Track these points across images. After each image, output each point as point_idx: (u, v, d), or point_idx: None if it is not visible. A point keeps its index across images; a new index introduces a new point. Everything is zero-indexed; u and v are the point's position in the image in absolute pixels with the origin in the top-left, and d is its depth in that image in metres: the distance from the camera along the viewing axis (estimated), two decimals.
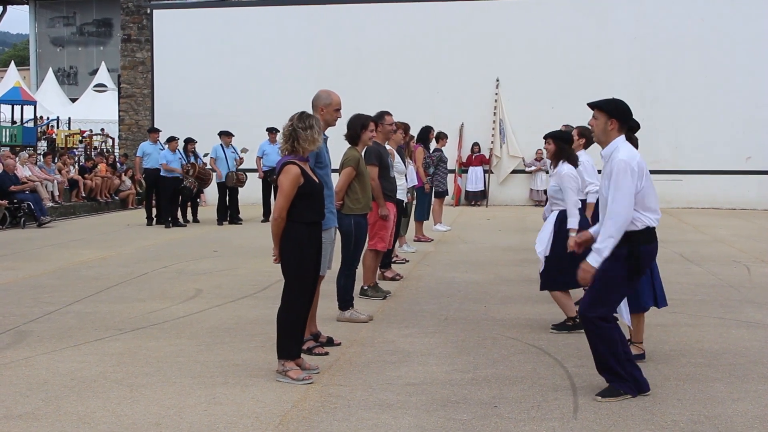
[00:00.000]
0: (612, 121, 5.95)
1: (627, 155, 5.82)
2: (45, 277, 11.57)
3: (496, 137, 25.43)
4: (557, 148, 8.26)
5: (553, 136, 8.39)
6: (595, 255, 5.77)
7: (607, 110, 5.99)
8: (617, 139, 5.96)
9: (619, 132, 5.98)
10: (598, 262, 5.77)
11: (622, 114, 5.99)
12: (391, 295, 9.95)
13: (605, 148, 5.99)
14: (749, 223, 19.82)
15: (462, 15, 25.56)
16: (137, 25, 28.45)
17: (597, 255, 5.76)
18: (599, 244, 5.77)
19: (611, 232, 5.73)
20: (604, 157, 6.01)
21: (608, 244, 5.73)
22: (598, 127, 6.02)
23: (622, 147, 5.90)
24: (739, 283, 10.91)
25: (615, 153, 5.88)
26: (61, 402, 5.78)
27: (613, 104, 6.02)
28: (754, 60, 24.12)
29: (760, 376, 6.45)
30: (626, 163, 5.76)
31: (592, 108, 6.10)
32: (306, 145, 6.36)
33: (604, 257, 5.76)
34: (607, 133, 5.98)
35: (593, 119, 6.07)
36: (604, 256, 5.75)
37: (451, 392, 6.01)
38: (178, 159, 19.45)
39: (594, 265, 5.77)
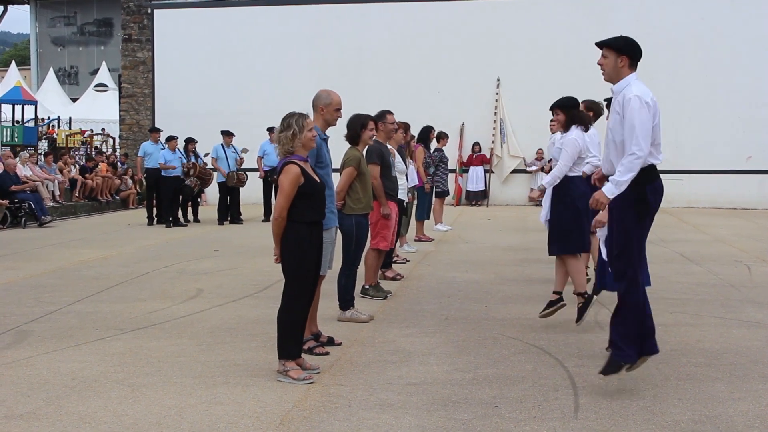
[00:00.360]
0: (622, 58, 5.91)
1: (640, 91, 5.78)
2: (46, 276, 11.57)
3: (497, 137, 25.44)
4: (567, 116, 8.26)
5: (559, 105, 8.38)
6: (612, 186, 5.73)
7: (616, 47, 5.95)
8: (629, 75, 5.92)
9: (630, 69, 5.93)
10: (613, 193, 5.73)
11: (631, 50, 5.94)
12: (391, 295, 9.95)
13: (617, 84, 5.94)
14: (750, 223, 19.82)
15: (463, 15, 25.57)
16: (138, 25, 28.45)
17: (614, 186, 5.72)
18: (619, 177, 5.71)
19: (631, 166, 5.68)
20: (615, 93, 5.96)
21: (627, 177, 5.68)
22: (608, 65, 5.97)
23: (634, 83, 5.86)
24: (740, 283, 10.91)
25: (627, 89, 5.83)
26: (62, 402, 5.79)
27: (623, 40, 5.98)
28: (755, 59, 24.13)
29: (761, 376, 6.45)
30: (640, 98, 5.73)
31: (600, 47, 6.03)
32: (292, 146, 6.33)
33: (621, 190, 5.71)
34: (618, 70, 5.94)
35: (602, 58, 6.01)
36: (622, 188, 5.71)
37: (451, 392, 6.01)
38: (178, 158, 19.45)
39: (609, 195, 5.75)
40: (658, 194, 5.96)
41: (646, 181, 5.81)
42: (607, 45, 5.99)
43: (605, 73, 6.04)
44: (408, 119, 13.15)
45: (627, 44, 5.95)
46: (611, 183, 5.75)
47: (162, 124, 23.39)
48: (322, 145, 7.30)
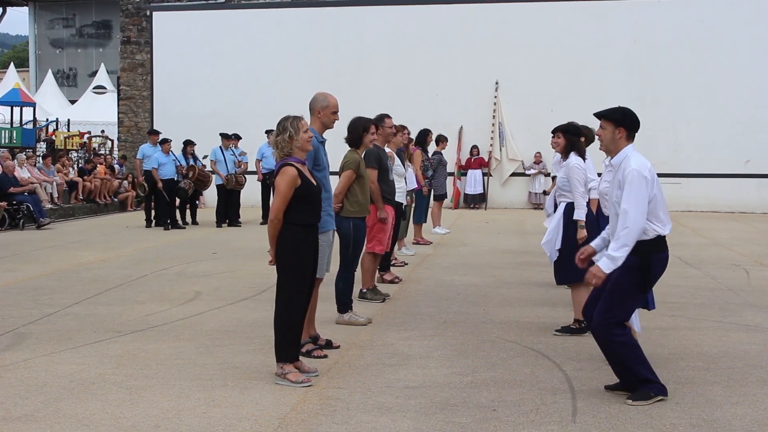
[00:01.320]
0: (620, 130, 5.94)
1: (638, 164, 5.80)
2: (44, 278, 11.57)
3: (496, 140, 25.44)
4: (567, 142, 8.29)
5: (562, 129, 8.43)
6: (608, 261, 5.74)
7: (614, 119, 5.97)
8: (627, 147, 5.95)
9: (627, 140, 5.96)
10: (610, 268, 5.75)
11: (629, 122, 5.97)
12: (390, 298, 9.94)
13: (615, 157, 5.97)
14: (748, 227, 19.83)
15: (462, 17, 25.57)
16: (137, 27, 28.46)
17: (610, 262, 5.74)
18: (613, 252, 5.73)
19: (625, 240, 5.70)
20: (614, 166, 6.00)
21: (622, 252, 5.71)
22: (606, 136, 5.98)
23: (632, 155, 5.88)
24: (738, 287, 10.92)
25: (626, 162, 5.86)
26: (60, 404, 5.78)
27: (620, 113, 6.01)
28: (754, 62, 24.14)
29: (759, 380, 6.46)
30: (638, 171, 5.75)
31: (598, 118, 6.07)
32: (290, 149, 6.33)
33: (617, 265, 5.75)
34: (616, 142, 5.96)
35: (600, 129, 6.03)
36: (618, 264, 5.74)
37: (450, 395, 6.01)
38: (172, 161, 19.43)
39: (605, 270, 5.76)
40: (664, 266, 5.99)
41: (653, 251, 5.84)
42: (605, 117, 6.02)
43: (603, 144, 6.06)
44: (407, 122, 13.16)
45: (624, 116, 5.98)
46: (607, 258, 5.76)
47: (160, 127, 23.37)
48: (319, 148, 7.31)
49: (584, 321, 7.94)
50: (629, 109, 6.07)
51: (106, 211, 24.15)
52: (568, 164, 8.21)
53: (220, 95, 26.35)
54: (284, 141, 6.32)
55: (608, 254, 5.77)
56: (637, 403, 5.78)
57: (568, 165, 8.21)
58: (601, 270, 5.77)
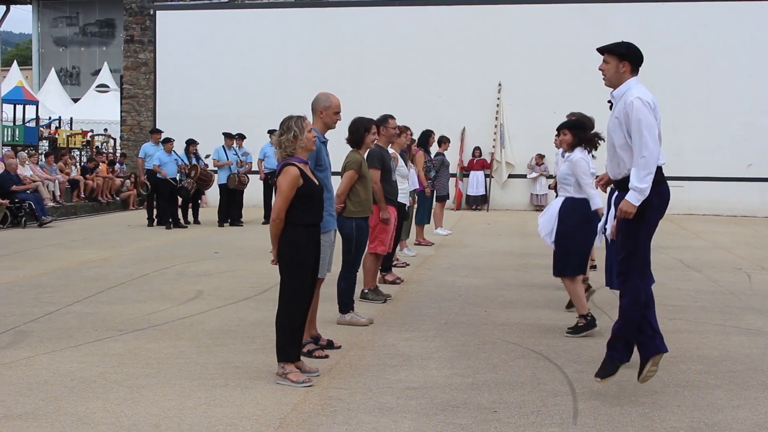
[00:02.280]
0: (624, 64, 5.92)
1: (641, 93, 5.79)
2: (46, 277, 11.57)
3: (498, 142, 25.45)
4: (575, 138, 8.28)
5: (568, 126, 8.40)
6: (635, 194, 5.70)
7: (618, 53, 5.95)
8: (630, 80, 5.92)
9: (631, 74, 5.93)
10: (638, 200, 5.70)
11: (633, 55, 5.94)
12: (391, 299, 9.94)
13: (617, 89, 5.94)
14: (750, 230, 19.82)
15: (465, 19, 25.58)
16: (140, 26, 28.49)
17: (638, 193, 5.69)
18: (638, 183, 5.68)
19: (646, 169, 5.66)
20: (615, 97, 5.97)
21: (647, 182, 5.67)
22: (610, 70, 5.97)
23: (635, 86, 5.87)
24: (740, 290, 10.91)
25: (628, 92, 5.84)
26: (61, 402, 5.78)
27: (624, 46, 5.98)
28: (756, 66, 24.14)
29: (760, 384, 6.45)
30: (641, 100, 5.74)
31: (601, 53, 6.04)
32: (294, 149, 6.34)
33: (645, 195, 5.70)
34: (620, 75, 5.94)
35: (604, 63, 6.01)
36: (645, 195, 5.69)
37: (450, 396, 6.01)
38: (174, 160, 19.44)
39: (634, 203, 5.71)
40: (664, 198, 5.94)
41: (655, 183, 5.78)
42: (609, 50, 5.99)
43: (606, 78, 6.04)
44: (409, 123, 13.14)
45: (629, 50, 5.96)
46: (634, 190, 5.71)
47: (163, 126, 23.40)
48: (321, 148, 7.30)
49: (589, 315, 7.97)
50: (633, 43, 6.03)
51: (107, 210, 24.17)
52: (572, 158, 8.19)
53: (222, 94, 26.36)
54: (288, 141, 6.32)
55: (633, 186, 5.71)
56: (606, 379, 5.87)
57: (571, 159, 8.20)
58: (630, 204, 5.72)
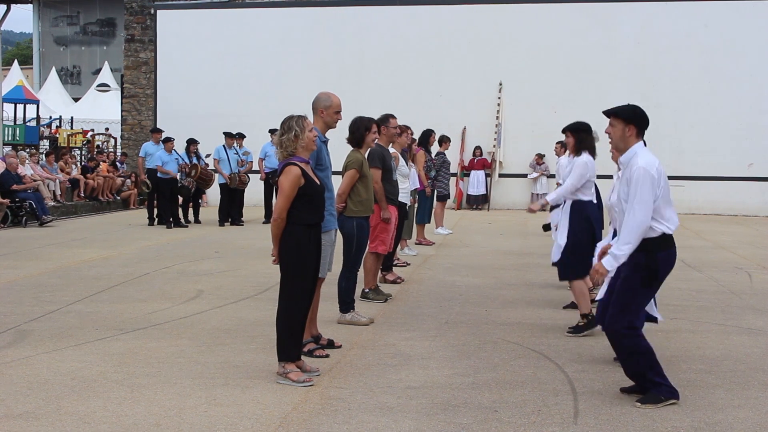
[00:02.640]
0: (630, 128, 5.91)
1: (646, 162, 5.77)
2: (46, 276, 11.57)
3: (498, 141, 25.44)
4: (576, 140, 8.33)
5: (571, 128, 8.44)
6: (611, 259, 5.76)
7: (624, 117, 5.94)
8: (636, 145, 5.92)
9: (637, 138, 5.94)
10: (612, 266, 5.78)
11: (639, 120, 5.94)
12: (392, 298, 9.94)
13: (624, 155, 5.95)
14: (751, 230, 19.81)
15: (465, 18, 25.57)
16: (141, 25, 28.46)
17: (613, 259, 5.75)
18: (616, 250, 5.74)
19: (629, 238, 5.70)
20: (622, 164, 5.98)
21: (625, 250, 5.72)
22: (616, 134, 5.96)
23: (641, 153, 5.86)
24: (741, 290, 10.91)
25: (634, 159, 5.83)
26: (61, 401, 5.78)
27: (630, 110, 5.98)
28: (758, 66, 24.14)
29: (761, 383, 6.45)
30: (645, 170, 5.73)
31: (608, 116, 6.03)
32: (294, 148, 6.33)
33: (620, 263, 5.76)
34: (626, 139, 5.93)
35: (610, 126, 6.00)
36: (620, 261, 5.75)
37: (451, 396, 6.01)
38: (175, 160, 19.43)
39: (608, 268, 5.79)
40: (671, 263, 5.97)
41: (659, 249, 5.82)
42: (615, 114, 5.98)
43: (612, 142, 6.04)
44: (410, 122, 13.14)
45: (635, 113, 5.95)
46: (610, 256, 5.78)
47: (164, 125, 23.41)
48: (321, 148, 7.29)
49: (590, 314, 7.97)
50: (639, 107, 6.04)
51: (108, 209, 24.16)
52: (576, 160, 8.28)
53: (223, 94, 26.37)
54: (289, 140, 6.32)
55: (612, 252, 5.78)
56: (647, 406, 5.77)
57: (575, 161, 8.28)
58: (603, 267, 5.80)
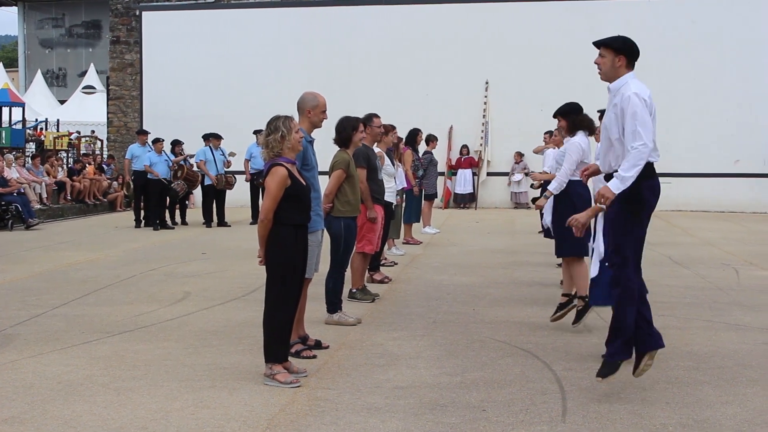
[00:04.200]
0: (620, 57, 5.90)
1: (638, 88, 5.77)
2: (32, 279, 11.51)
3: (485, 140, 25.46)
4: (570, 123, 8.33)
5: (561, 112, 8.44)
6: (618, 182, 5.69)
7: (614, 47, 5.93)
8: (627, 74, 5.90)
9: (627, 68, 5.91)
10: (619, 188, 5.69)
11: (629, 50, 5.92)
12: (379, 298, 9.93)
13: (614, 83, 5.92)
14: (738, 226, 19.88)
15: (453, 17, 25.58)
16: (126, 27, 28.36)
17: (620, 182, 5.68)
18: (624, 172, 5.67)
19: (636, 160, 5.64)
20: (612, 91, 5.94)
21: (633, 172, 5.65)
22: (606, 64, 5.94)
23: (632, 81, 5.85)
24: (728, 286, 10.93)
25: (625, 87, 5.82)
26: (47, 406, 5.74)
27: (621, 40, 5.97)
28: (745, 63, 24.23)
29: (749, 380, 6.45)
30: (638, 95, 5.72)
31: (598, 46, 6.02)
32: (281, 149, 6.30)
33: (626, 185, 5.68)
34: (616, 69, 5.92)
35: (600, 57, 5.98)
36: (627, 184, 5.68)
37: (439, 395, 5.99)
38: (164, 161, 19.40)
39: (614, 191, 5.70)
40: (655, 193, 5.93)
41: (642, 178, 5.75)
42: (605, 44, 5.98)
43: (602, 72, 6.02)
44: (397, 121, 13.11)
45: (625, 44, 5.95)
46: (616, 178, 5.70)
47: (150, 127, 23.32)
48: (308, 148, 7.28)
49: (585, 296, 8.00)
50: (629, 38, 6.00)
51: (95, 212, 24.08)
52: (570, 140, 8.28)
53: (209, 95, 26.32)
54: (276, 141, 6.29)
55: (618, 174, 5.70)
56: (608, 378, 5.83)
57: (569, 141, 8.28)
58: (610, 190, 5.72)
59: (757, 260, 13.54)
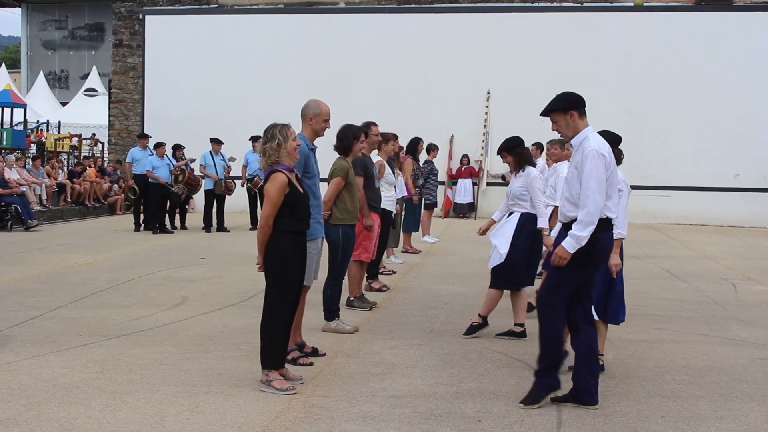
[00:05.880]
0: (570, 114, 5.92)
1: (597, 144, 5.82)
2: (30, 281, 11.51)
3: (486, 150, 25.48)
4: (515, 157, 8.40)
5: (504, 148, 8.51)
6: (572, 241, 5.76)
7: (558, 108, 5.95)
8: (586, 129, 5.94)
9: (581, 119, 5.94)
10: (573, 247, 5.76)
11: (574, 103, 5.95)
12: (377, 307, 9.93)
13: (575, 138, 5.94)
14: (736, 240, 19.88)
15: (454, 26, 25.63)
16: (129, 31, 28.40)
17: (574, 241, 5.75)
18: (578, 232, 5.74)
19: (589, 218, 5.72)
20: (573, 147, 5.98)
21: (587, 232, 5.73)
22: (562, 127, 5.97)
23: (591, 136, 5.89)
24: (725, 301, 10.93)
25: (585, 142, 5.87)
26: (42, 408, 5.74)
27: (561, 99, 5.98)
28: (744, 76, 24.25)
29: (745, 395, 6.46)
30: (597, 151, 5.77)
31: (545, 115, 6.05)
32: (278, 156, 6.31)
33: (581, 245, 5.75)
34: (572, 126, 5.94)
35: (554, 124, 6.01)
36: (582, 244, 5.75)
37: (434, 405, 6.00)
38: (166, 165, 19.41)
39: (570, 250, 5.77)
40: (608, 247, 6.04)
41: (599, 230, 5.82)
42: (551, 110, 6.00)
43: (563, 135, 6.06)
44: (397, 130, 13.11)
45: (566, 100, 5.97)
46: (570, 237, 5.78)
47: (151, 131, 23.33)
48: (309, 155, 7.29)
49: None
50: (568, 91, 6.02)
51: (94, 214, 24.08)
52: (528, 174, 8.35)
53: (211, 99, 26.36)
54: (272, 149, 6.30)
55: (573, 233, 5.77)
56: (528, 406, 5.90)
57: (528, 175, 8.35)
58: (565, 250, 5.79)
59: (755, 275, 13.55)
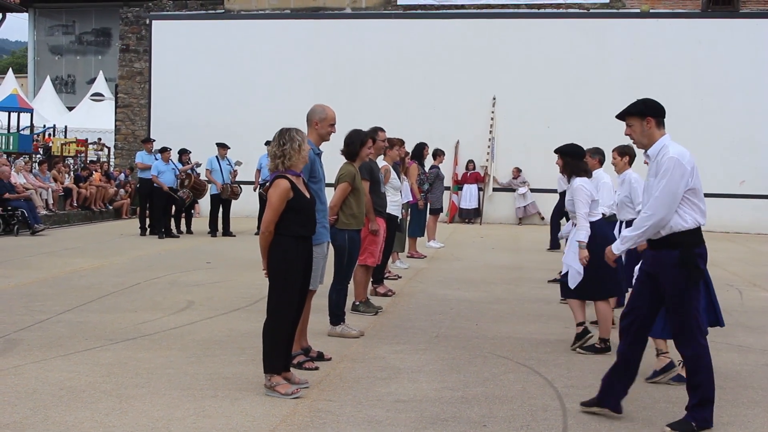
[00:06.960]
0: (647, 120, 5.70)
1: (677, 152, 5.58)
2: (37, 285, 11.54)
3: (492, 155, 25.49)
4: (564, 163, 8.30)
5: (560, 151, 8.40)
6: (618, 242, 5.78)
7: (637, 112, 5.74)
8: (663, 137, 5.71)
9: (659, 128, 5.72)
10: (619, 249, 5.80)
11: (653, 109, 5.73)
12: (382, 311, 9.94)
13: (651, 148, 5.71)
14: (743, 247, 19.85)
15: (460, 32, 25.63)
16: (136, 36, 28.48)
17: (620, 242, 5.77)
18: (627, 232, 5.71)
19: (644, 225, 5.57)
20: (650, 156, 5.74)
21: (634, 234, 5.63)
22: (636, 132, 5.75)
23: (671, 145, 5.65)
24: (732, 307, 10.90)
25: (664, 150, 5.62)
26: (49, 412, 5.76)
27: (641, 104, 5.78)
28: (749, 83, 24.22)
29: (751, 401, 6.45)
30: (677, 160, 5.53)
31: (621, 118, 5.86)
32: (298, 158, 6.33)
33: (626, 246, 5.75)
34: (647, 134, 5.71)
35: (628, 128, 5.80)
36: (627, 245, 5.75)
37: (440, 410, 6.00)
38: (171, 170, 19.43)
39: (615, 251, 5.81)
40: (704, 259, 5.75)
41: (694, 244, 5.65)
42: (628, 113, 5.79)
43: (636, 141, 5.80)
44: (403, 135, 13.15)
45: (646, 105, 5.75)
46: (619, 240, 5.81)
47: (157, 135, 23.40)
48: (315, 160, 7.30)
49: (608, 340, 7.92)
50: (649, 98, 5.84)
51: (100, 219, 24.12)
52: (572, 186, 8.21)
53: (217, 104, 26.40)
54: (294, 150, 6.30)
55: (622, 235, 5.77)
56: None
57: (571, 186, 8.22)
58: (611, 251, 5.85)
59: (760, 281, 13.53)
